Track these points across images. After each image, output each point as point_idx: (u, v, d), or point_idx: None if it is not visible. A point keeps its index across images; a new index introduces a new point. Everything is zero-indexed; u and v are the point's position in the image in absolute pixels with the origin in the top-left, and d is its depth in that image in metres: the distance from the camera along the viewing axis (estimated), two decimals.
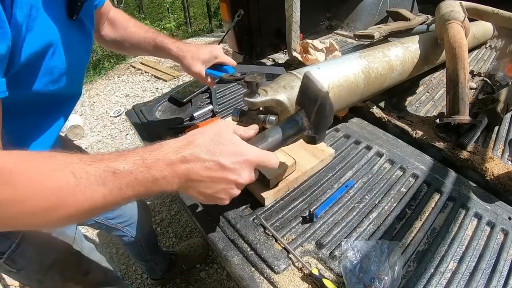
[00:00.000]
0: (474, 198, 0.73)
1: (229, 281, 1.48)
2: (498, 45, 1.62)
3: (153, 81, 3.42)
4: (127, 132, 2.59)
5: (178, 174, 0.41)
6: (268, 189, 0.70)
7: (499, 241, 0.65)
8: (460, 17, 1.02)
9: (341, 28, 1.93)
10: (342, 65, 0.85)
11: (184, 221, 1.80)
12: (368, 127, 0.98)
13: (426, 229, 0.66)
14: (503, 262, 0.60)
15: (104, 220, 0.98)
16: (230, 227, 0.66)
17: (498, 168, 0.79)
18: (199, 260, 1.55)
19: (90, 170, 0.36)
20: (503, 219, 0.68)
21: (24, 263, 0.66)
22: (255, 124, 0.57)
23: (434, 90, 1.21)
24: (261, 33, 1.48)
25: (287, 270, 0.59)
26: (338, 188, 0.75)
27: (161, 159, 0.40)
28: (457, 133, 0.92)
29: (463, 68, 0.91)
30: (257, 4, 1.37)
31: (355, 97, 0.87)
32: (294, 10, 1.24)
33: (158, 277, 1.41)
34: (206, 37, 4.82)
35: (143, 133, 0.98)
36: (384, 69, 0.92)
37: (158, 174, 0.39)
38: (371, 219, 0.68)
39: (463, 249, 0.63)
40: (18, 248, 0.64)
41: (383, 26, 1.59)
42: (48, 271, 0.71)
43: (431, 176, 0.78)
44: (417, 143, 0.92)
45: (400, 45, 1.02)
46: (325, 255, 0.61)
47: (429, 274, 0.58)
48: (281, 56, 1.57)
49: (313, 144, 0.59)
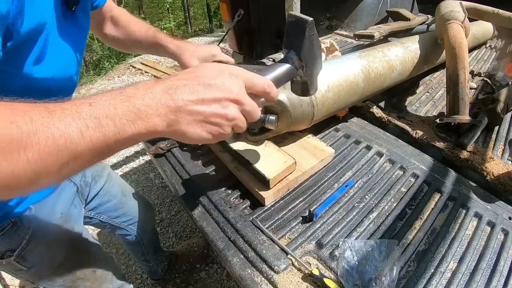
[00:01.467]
0: (474, 198, 0.73)
1: (229, 281, 1.48)
2: (498, 45, 1.62)
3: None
4: None
5: (162, 102, 0.37)
6: (268, 189, 0.70)
7: (499, 241, 0.65)
8: (460, 17, 1.02)
9: (341, 28, 1.93)
10: (342, 65, 0.85)
11: (184, 221, 1.80)
12: (368, 127, 0.98)
13: (426, 229, 0.66)
14: (503, 262, 0.60)
15: (108, 219, 0.99)
16: (230, 227, 0.66)
17: (498, 168, 0.79)
18: (199, 260, 1.55)
19: (64, 105, 0.33)
20: (503, 219, 0.68)
21: (35, 261, 0.67)
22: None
23: (434, 90, 1.21)
24: (261, 33, 1.48)
25: (287, 270, 0.59)
26: (338, 188, 0.75)
27: (141, 87, 0.37)
28: (457, 133, 0.92)
29: (463, 68, 0.91)
30: (257, 4, 1.37)
31: (355, 97, 0.87)
32: (294, 10, 1.24)
33: (158, 277, 1.41)
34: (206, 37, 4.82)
35: None
36: (384, 69, 0.92)
37: (139, 102, 0.35)
38: (371, 218, 0.68)
39: (463, 249, 0.63)
40: (28, 245, 0.64)
41: (383, 26, 1.59)
42: (59, 268, 0.72)
43: (431, 176, 0.78)
44: (417, 143, 0.92)
45: (400, 45, 1.03)
46: (325, 255, 0.61)
47: (429, 274, 0.58)
48: (281, 56, 1.57)
49: (306, 95, 0.57)
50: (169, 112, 0.37)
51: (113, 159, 2.32)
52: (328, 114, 0.85)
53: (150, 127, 0.36)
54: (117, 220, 1.02)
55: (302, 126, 0.80)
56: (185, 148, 0.89)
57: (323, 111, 0.79)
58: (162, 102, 0.37)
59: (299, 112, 0.74)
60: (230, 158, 0.79)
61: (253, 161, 0.72)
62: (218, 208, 0.70)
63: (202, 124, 0.40)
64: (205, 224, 0.68)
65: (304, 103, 0.74)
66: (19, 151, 0.30)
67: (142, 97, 0.36)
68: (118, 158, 2.33)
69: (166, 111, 0.37)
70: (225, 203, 0.72)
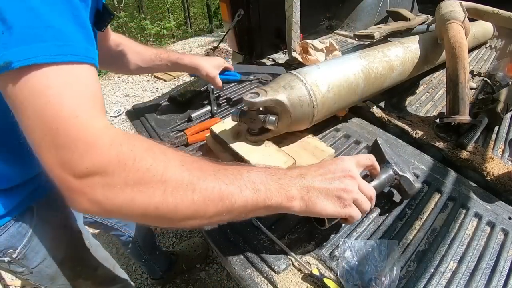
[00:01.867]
0: (474, 198, 0.73)
1: (229, 281, 1.48)
2: (498, 45, 1.62)
3: (153, 81, 3.42)
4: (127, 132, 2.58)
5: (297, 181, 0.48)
6: None
7: (499, 241, 0.65)
8: (460, 17, 1.02)
9: (341, 28, 1.93)
10: (342, 65, 0.85)
11: None
12: (368, 127, 0.98)
13: (426, 229, 0.66)
14: (503, 262, 0.60)
15: (102, 220, 1.00)
16: (230, 227, 0.66)
17: (498, 168, 0.79)
18: (199, 260, 1.55)
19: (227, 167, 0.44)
20: (503, 219, 0.68)
21: (37, 259, 0.67)
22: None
23: (434, 90, 1.21)
24: (261, 33, 1.48)
25: (287, 270, 0.59)
26: None
27: (282, 171, 0.50)
28: (457, 133, 0.92)
29: (463, 68, 0.91)
30: (257, 4, 1.37)
31: (355, 97, 0.87)
32: (294, 10, 1.24)
33: (158, 277, 1.41)
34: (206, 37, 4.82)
35: (143, 133, 0.98)
36: (384, 69, 0.92)
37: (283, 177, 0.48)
38: (371, 218, 0.68)
39: (463, 249, 0.63)
40: (30, 243, 0.65)
41: (383, 26, 1.59)
42: (60, 266, 0.72)
43: (431, 176, 0.78)
44: (417, 143, 0.92)
45: (400, 45, 1.02)
46: (325, 255, 0.61)
47: (429, 274, 0.58)
48: (281, 56, 1.57)
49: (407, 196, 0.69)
50: (303, 188, 0.48)
51: None
52: (328, 114, 0.85)
53: (289, 196, 0.46)
54: (110, 221, 1.03)
55: (302, 126, 0.80)
56: (185, 148, 0.89)
57: (323, 111, 0.79)
58: (297, 181, 0.48)
59: (299, 113, 0.74)
60: (230, 159, 0.79)
61: (253, 161, 0.72)
62: None
63: (327, 197, 0.49)
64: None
65: (304, 104, 0.74)
66: (187, 191, 0.37)
67: (284, 176, 0.48)
68: None
69: (301, 187, 0.48)
70: None
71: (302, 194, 0.47)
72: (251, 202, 0.42)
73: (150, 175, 0.35)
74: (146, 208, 0.36)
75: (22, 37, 0.33)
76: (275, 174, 0.47)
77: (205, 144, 0.90)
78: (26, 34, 0.33)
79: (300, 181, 0.48)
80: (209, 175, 0.39)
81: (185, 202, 0.36)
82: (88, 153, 0.34)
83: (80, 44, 0.36)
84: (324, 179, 0.49)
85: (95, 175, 0.34)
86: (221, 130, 0.82)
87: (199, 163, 0.40)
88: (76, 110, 0.34)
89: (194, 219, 0.39)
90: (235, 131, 0.82)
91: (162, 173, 0.36)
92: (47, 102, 0.33)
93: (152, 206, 0.35)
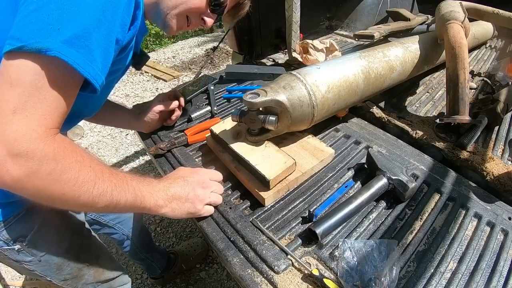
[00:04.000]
0: (474, 198, 0.73)
1: (229, 281, 1.48)
2: (498, 45, 1.62)
3: (153, 81, 3.42)
4: (127, 132, 2.59)
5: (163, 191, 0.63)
6: (268, 189, 0.70)
7: (499, 241, 0.65)
8: (460, 17, 1.02)
9: (341, 28, 1.93)
10: (342, 65, 0.85)
11: (184, 221, 1.80)
12: (368, 127, 0.98)
13: (426, 229, 0.66)
14: (503, 262, 0.60)
15: (96, 217, 1.03)
16: (230, 227, 0.66)
17: (498, 168, 0.79)
18: (199, 260, 1.55)
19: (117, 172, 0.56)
20: (503, 219, 0.68)
21: (45, 246, 0.71)
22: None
23: (434, 90, 1.21)
24: (261, 33, 1.48)
25: (287, 270, 0.59)
26: (338, 188, 0.75)
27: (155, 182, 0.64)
28: (457, 133, 0.92)
29: (463, 68, 0.91)
30: (257, 4, 1.36)
31: (355, 97, 0.87)
32: (294, 10, 1.24)
33: (157, 276, 1.41)
34: (206, 37, 4.82)
35: (143, 133, 0.98)
36: (384, 69, 0.92)
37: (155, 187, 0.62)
38: (371, 219, 0.68)
39: (463, 249, 0.63)
40: (40, 231, 0.68)
41: (383, 26, 1.59)
42: (66, 254, 0.75)
43: (431, 176, 0.78)
44: (417, 143, 0.92)
45: (400, 45, 1.02)
46: (325, 255, 0.61)
47: (429, 274, 0.58)
48: (281, 56, 1.57)
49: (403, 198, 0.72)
50: (168, 197, 0.62)
51: (113, 159, 2.32)
52: (328, 114, 0.85)
53: (158, 205, 0.60)
54: (104, 218, 1.05)
55: (302, 126, 0.80)
56: (185, 148, 0.90)
57: (323, 111, 0.79)
58: (163, 193, 0.62)
59: (299, 113, 0.74)
60: (230, 159, 0.79)
61: (253, 161, 0.72)
62: (218, 209, 0.70)
63: (186, 203, 0.65)
64: (205, 224, 0.68)
65: (304, 104, 0.74)
66: (89, 187, 0.49)
67: (155, 186, 0.62)
68: (118, 158, 2.34)
69: (166, 197, 0.62)
70: (225, 203, 0.72)
71: (166, 203, 0.62)
72: (130, 202, 0.55)
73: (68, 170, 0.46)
74: (58, 194, 0.46)
75: (69, 39, 0.44)
76: (149, 184, 0.60)
77: (205, 144, 0.90)
78: (72, 39, 0.44)
79: (165, 192, 0.62)
80: (106, 177, 0.51)
81: (86, 194, 0.48)
82: (31, 142, 0.42)
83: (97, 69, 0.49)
84: (183, 189, 0.65)
85: (31, 159, 0.42)
86: (221, 130, 0.82)
87: (101, 167, 0.52)
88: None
89: (90, 207, 0.51)
90: (235, 131, 0.82)
91: (78, 170, 0.47)
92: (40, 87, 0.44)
93: (61, 193, 0.46)
